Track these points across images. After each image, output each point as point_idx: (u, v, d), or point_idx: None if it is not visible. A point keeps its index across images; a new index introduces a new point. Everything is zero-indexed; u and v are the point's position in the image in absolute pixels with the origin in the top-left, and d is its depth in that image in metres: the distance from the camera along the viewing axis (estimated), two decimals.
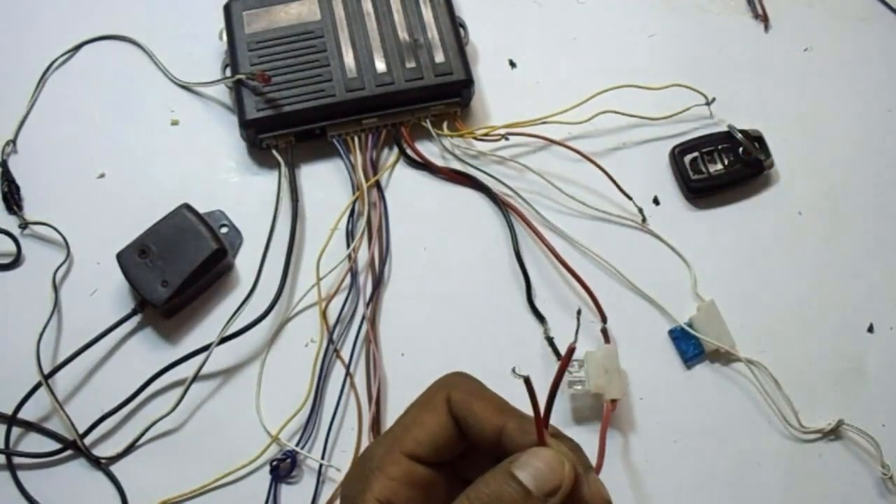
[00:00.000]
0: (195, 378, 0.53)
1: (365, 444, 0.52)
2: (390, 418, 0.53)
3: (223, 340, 0.54)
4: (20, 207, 0.59)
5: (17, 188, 0.60)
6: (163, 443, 0.53)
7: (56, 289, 0.56)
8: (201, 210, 0.57)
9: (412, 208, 0.60)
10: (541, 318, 0.56)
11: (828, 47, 0.68)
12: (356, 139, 0.60)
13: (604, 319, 0.55)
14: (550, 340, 0.56)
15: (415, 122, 0.61)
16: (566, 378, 0.53)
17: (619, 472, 0.53)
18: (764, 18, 0.68)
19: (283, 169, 0.59)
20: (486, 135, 0.61)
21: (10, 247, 0.58)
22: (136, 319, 0.55)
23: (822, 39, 0.68)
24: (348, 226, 0.58)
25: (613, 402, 0.53)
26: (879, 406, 0.55)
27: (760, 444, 0.54)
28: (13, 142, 0.61)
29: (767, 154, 0.61)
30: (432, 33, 0.61)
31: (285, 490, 0.52)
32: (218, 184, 0.61)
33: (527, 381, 0.31)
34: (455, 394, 0.34)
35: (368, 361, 0.55)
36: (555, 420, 0.55)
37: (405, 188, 0.61)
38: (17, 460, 0.52)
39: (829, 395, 0.55)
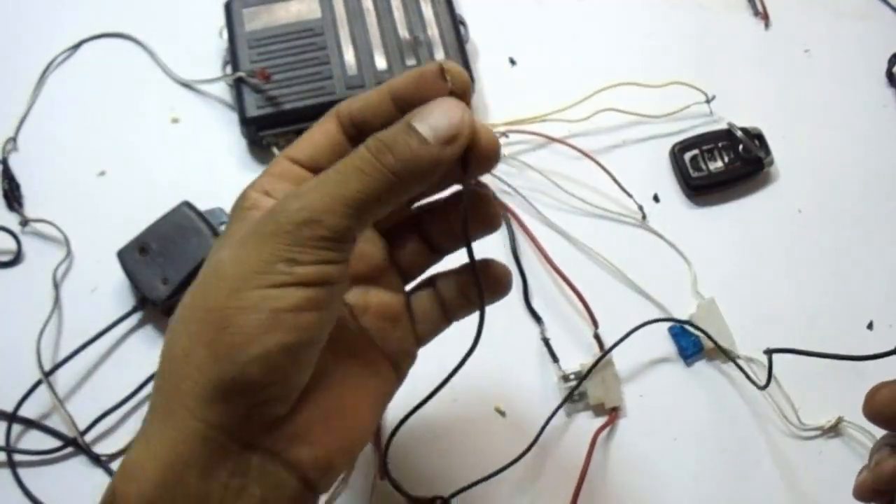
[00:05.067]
0: None
1: None
2: (389, 416, 0.53)
3: None
4: (21, 205, 0.59)
5: (18, 186, 0.60)
6: None
7: (56, 286, 0.56)
8: (202, 207, 0.57)
9: None
10: (537, 318, 0.56)
11: (828, 45, 0.68)
12: None
13: (595, 325, 0.55)
14: (546, 342, 0.56)
15: None
16: (565, 393, 0.54)
17: (618, 470, 0.53)
18: (764, 16, 0.68)
19: None
20: None
21: (10, 244, 0.58)
22: (136, 317, 0.55)
23: (823, 37, 0.68)
24: None
25: (615, 409, 0.53)
26: None
27: (760, 442, 0.54)
28: (14, 139, 0.61)
29: (767, 151, 0.61)
30: (432, 31, 0.61)
31: None
32: (218, 181, 0.60)
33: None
34: (342, 104, 0.36)
35: None
36: (555, 429, 0.55)
37: None
38: (17, 457, 0.52)
39: (829, 392, 0.55)
